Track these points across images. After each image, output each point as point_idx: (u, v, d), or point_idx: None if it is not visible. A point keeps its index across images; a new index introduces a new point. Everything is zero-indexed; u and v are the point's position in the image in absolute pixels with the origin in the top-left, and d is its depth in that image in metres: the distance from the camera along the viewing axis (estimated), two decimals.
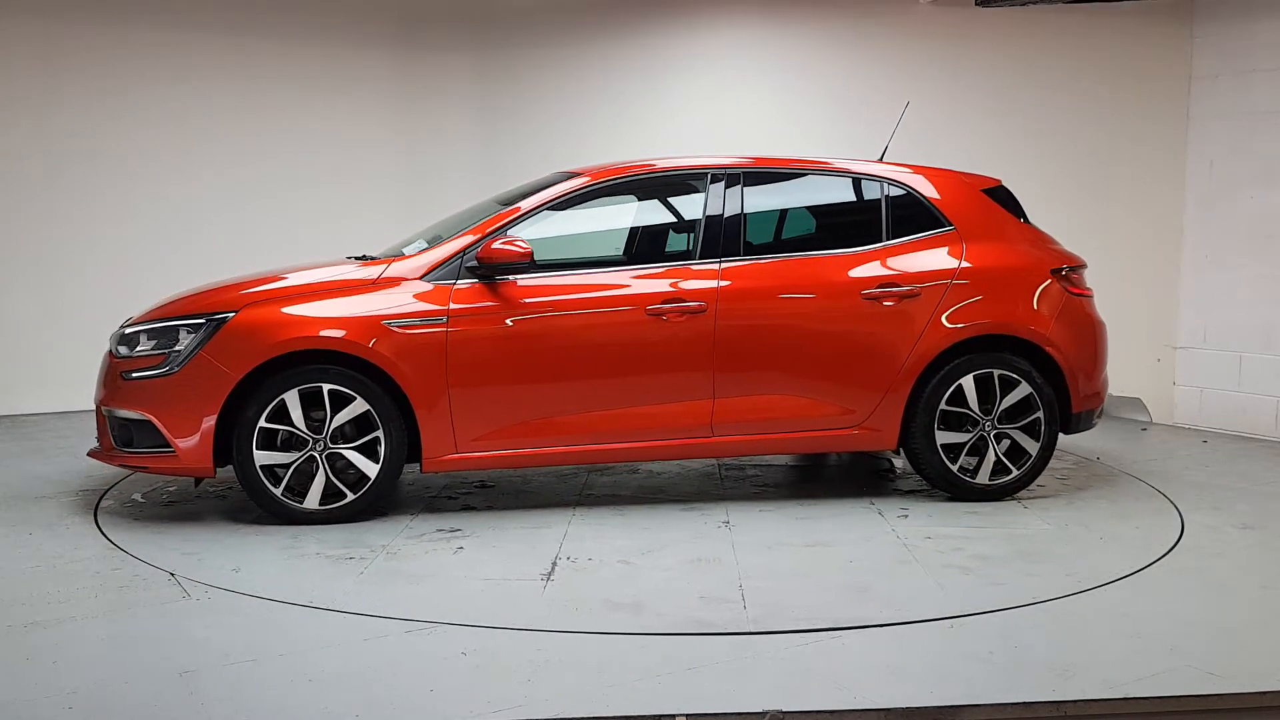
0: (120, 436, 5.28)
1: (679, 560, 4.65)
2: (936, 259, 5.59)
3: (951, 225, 5.68)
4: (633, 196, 5.86)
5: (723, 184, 5.58)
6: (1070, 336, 5.63)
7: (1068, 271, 5.74)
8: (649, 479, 6.15)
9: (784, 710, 3.22)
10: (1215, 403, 7.83)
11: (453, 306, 5.17)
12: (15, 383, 7.97)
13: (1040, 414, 5.54)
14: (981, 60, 8.12)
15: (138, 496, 5.70)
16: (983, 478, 5.58)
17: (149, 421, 5.11)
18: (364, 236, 7.66)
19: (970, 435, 5.55)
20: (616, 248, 6.03)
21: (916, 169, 5.85)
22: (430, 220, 6.42)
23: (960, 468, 5.57)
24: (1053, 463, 5.99)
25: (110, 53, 8.12)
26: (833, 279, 5.51)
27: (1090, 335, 5.75)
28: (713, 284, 5.38)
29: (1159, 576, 4.53)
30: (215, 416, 5.00)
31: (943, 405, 5.50)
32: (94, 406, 5.51)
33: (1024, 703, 3.31)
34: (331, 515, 5.11)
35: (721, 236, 5.49)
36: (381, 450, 5.11)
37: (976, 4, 7.76)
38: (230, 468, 5.11)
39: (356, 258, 5.61)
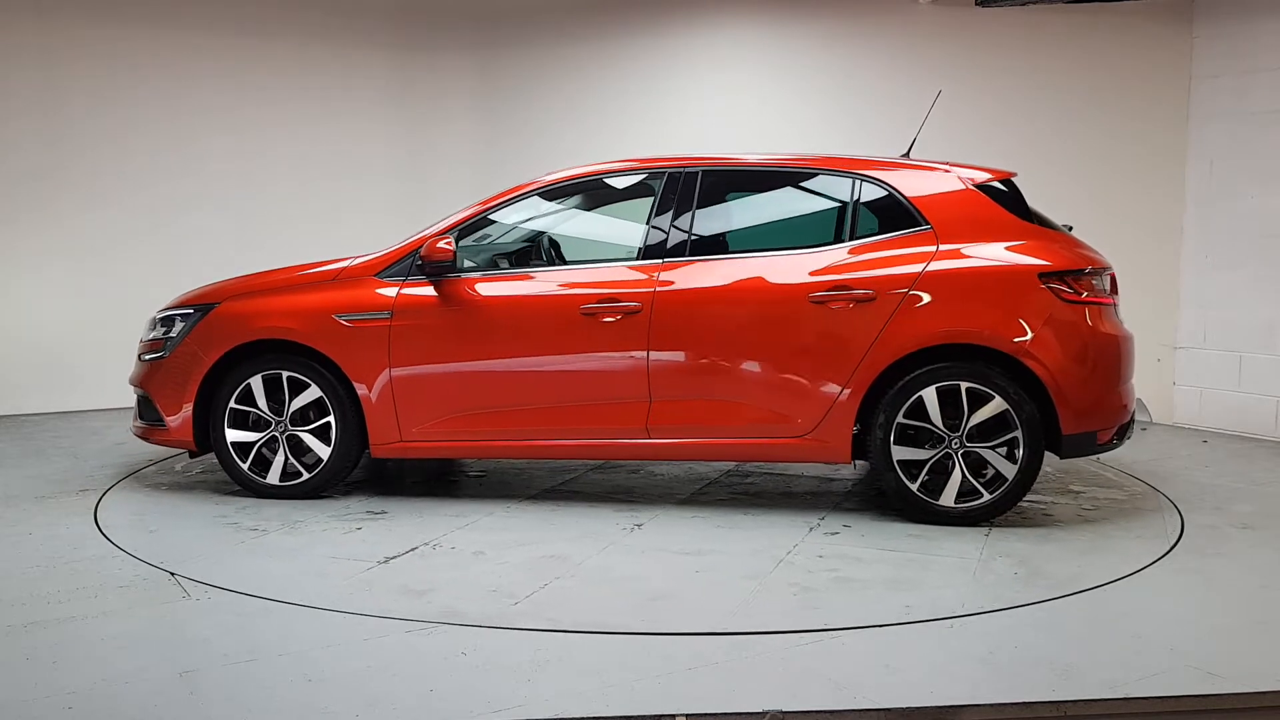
0: (138, 410, 5.91)
1: (530, 556, 4.69)
2: (901, 261, 5.18)
3: (928, 224, 5.24)
4: (590, 198, 5.88)
5: (674, 183, 5.46)
6: (1061, 348, 5.06)
7: (1067, 276, 5.12)
8: (645, 478, 6.15)
9: (784, 710, 3.22)
10: (1215, 403, 7.83)
11: (398, 303, 5.45)
12: (15, 383, 7.97)
13: (1018, 433, 5.04)
14: (981, 60, 8.12)
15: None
16: (946, 499, 5.13)
17: (148, 398, 5.75)
18: (363, 236, 7.66)
19: (933, 452, 5.11)
20: (570, 248, 6.07)
21: (896, 163, 5.46)
22: (429, 219, 6.41)
23: (921, 487, 5.15)
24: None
25: (109, 52, 8.12)
26: (777, 281, 5.24)
27: (1092, 348, 5.13)
28: (650, 285, 5.31)
29: (1159, 576, 4.53)
30: (194, 397, 5.57)
31: (900, 418, 5.10)
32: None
33: (1024, 703, 3.31)
34: (289, 491, 5.57)
35: (668, 236, 5.39)
36: (333, 433, 5.48)
37: (976, 4, 7.75)
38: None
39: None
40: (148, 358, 5.77)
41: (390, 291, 5.48)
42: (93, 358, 8.18)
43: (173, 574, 4.40)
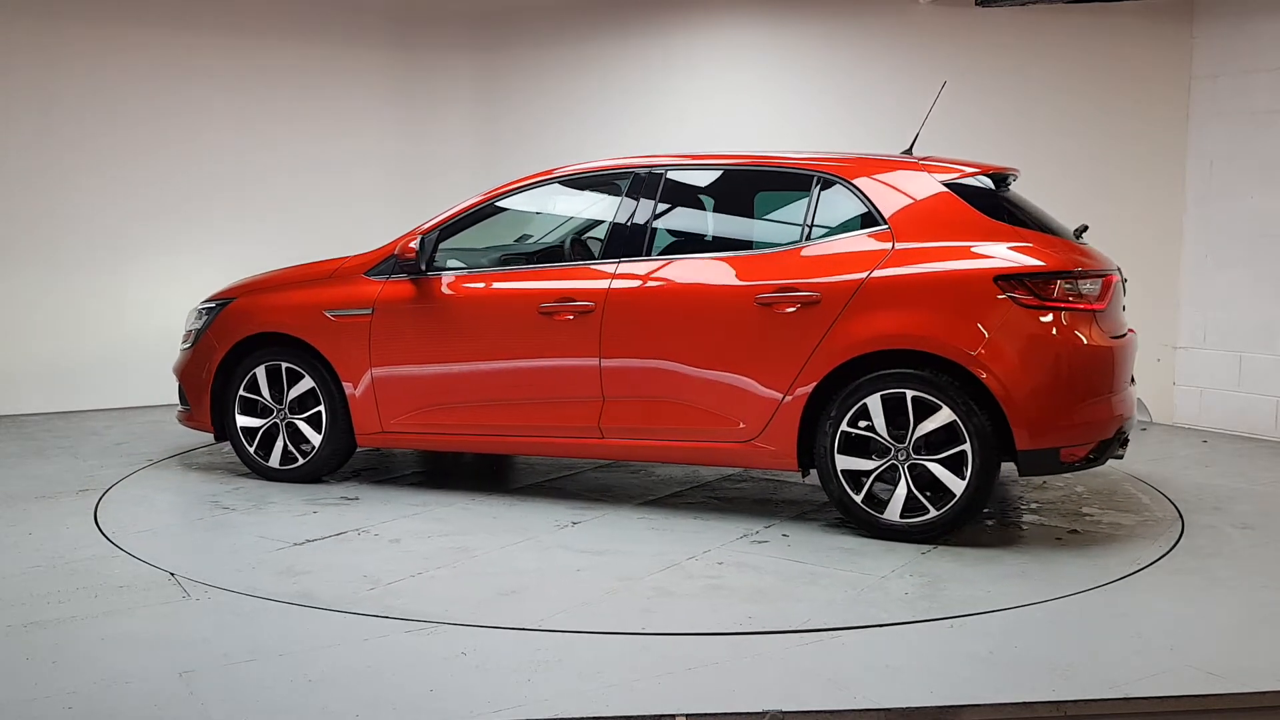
0: (179, 396, 6.31)
1: (438, 547, 4.81)
2: (850, 262, 4.93)
3: (885, 224, 4.99)
4: (563, 199, 5.92)
5: (638, 183, 5.43)
6: (1016, 357, 4.69)
7: (1028, 281, 4.73)
8: (641, 478, 6.15)
9: (784, 710, 3.22)
10: (1215, 403, 7.83)
11: (379, 300, 5.68)
12: (15, 383, 7.97)
13: (967, 446, 4.72)
14: (982, 60, 8.12)
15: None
16: (891, 514, 4.85)
17: (181, 385, 6.23)
18: (363, 234, 7.66)
19: (878, 463, 4.85)
20: (542, 247, 6.11)
21: (860, 160, 5.22)
22: (424, 218, 6.44)
23: (867, 499, 4.91)
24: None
25: (108, 51, 8.12)
26: (726, 282, 5.12)
27: (1054, 357, 4.73)
28: (605, 284, 5.30)
29: (1159, 576, 4.53)
30: (210, 385, 5.99)
31: (845, 427, 4.87)
32: None
33: (1024, 703, 3.31)
34: (288, 475, 5.92)
35: (627, 236, 5.36)
36: (323, 421, 5.80)
37: (977, 4, 7.75)
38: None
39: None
40: (183, 347, 6.25)
41: (374, 289, 5.71)
42: (93, 358, 8.18)
43: (172, 574, 4.40)
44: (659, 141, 7.80)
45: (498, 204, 5.74)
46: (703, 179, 5.58)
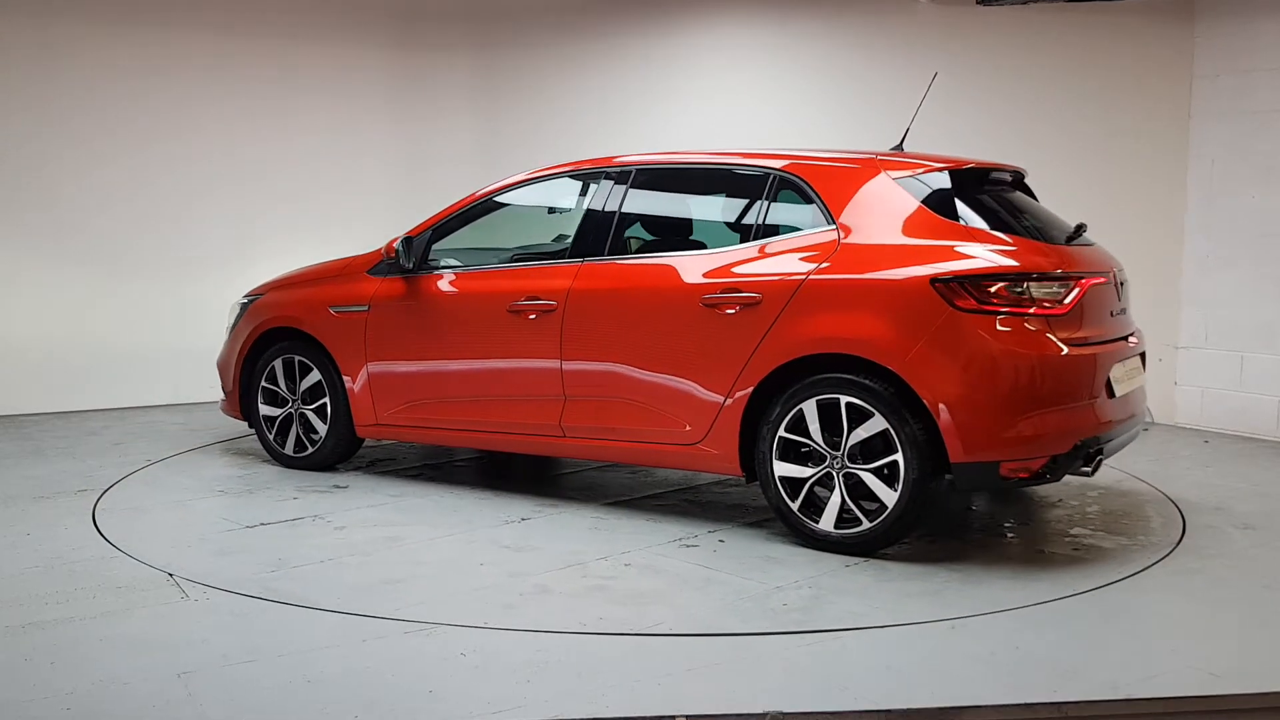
0: (221, 386, 6.60)
1: (372, 536, 4.97)
2: (794, 262, 4.77)
3: (834, 224, 4.80)
4: (538, 199, 5.98)
5: (606, 183, 5.44)
6: (950, 363, 4.42)
7: (968, 284, 4.44)
8: (636, 479, 6.14)
9: (784, 710, 3.21)
10: (1217, 403, 7.82)
11: (374, 297, 5.89)
12: (15, 383, 7.96)
13: (900, 456, 4.49)
14: (982, 60, 8.11)
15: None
16: (826, 524, 4.66)
17: (219, 374, 6.57)
18: (364, 234, 7.66)
19: (813, 471, 4.68)
20: (523, 247, 6.18)
21: (816, 158, 5.07)
22: (424, 217, 6.45)
23: (803, 508, 4.73)
24: None
25: (107, 51, 8.10)
26: (675, 282, 5.03)
27: (994, 365, 4.39)
28: (567, 284, 5.31)
29: (1160, 577, 4.52)
30: (237, 374, 6.37)
31: (782, 432, 4.72)
32: None
33: (1025, 704, 3.30)
34: (301, 462, 6.19)
35: (590, 236, 5.37)
36: (328, 413, 6.05)
37: (977, 2, 7.75)
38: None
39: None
40: (225, 340, 6.58)
41: (371, 287, 5.93)
42: (93, 358, 8.17)
43: (171, 574, 4.40)
44: (659, 141, 7.80)
45: (481, 205, 5.83)
46: (663, 179, 5.55)
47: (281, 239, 8.61)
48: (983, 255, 4.53)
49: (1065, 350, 4.50)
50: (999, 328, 4.42)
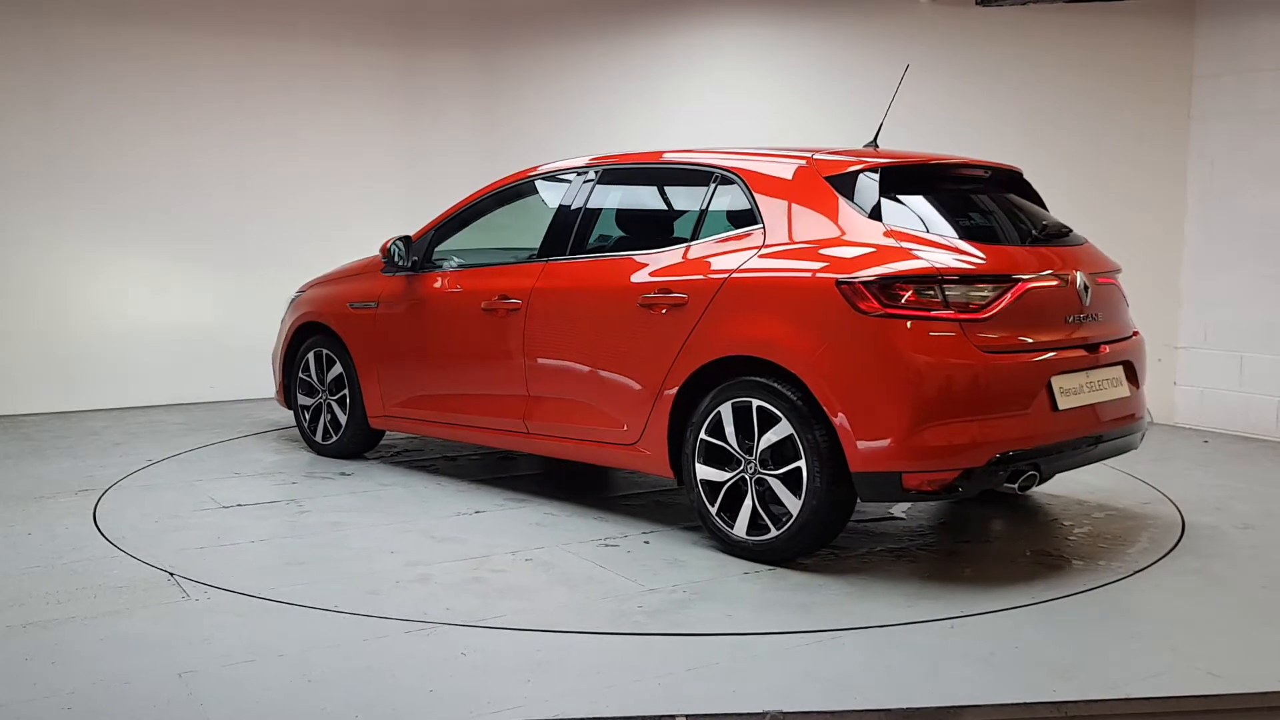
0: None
1: (316, 522, 5.17)
2: (719, 263, 4.69)
3: (761, 222, 4.68)
4: (523, 200, 6.03)
5: (574, 183, 5.51)
6: (850, 368, 4.24)
7: (874, 286, 4.22)
8: (636, 478, 6.15)
9: (784, 710, 3.21)
10: (1216, 403, 7.82)
11: (383, 294, 6.15)
12: (15, 383, 7.96)
13: (802, 463, 4.35)
14: (982, 60, 8.11)
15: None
16: (740, 530, 4.56)
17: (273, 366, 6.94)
18: (364, 233, 7.67)
19: (729, 475, 4.59)
20: (510, 248, 6.21)
21: (753, 155, 4.93)
22: (427, 217, 6.48)
23: (721, 512, 4.63)
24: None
25: (108, 50, 8.11)
26: (617, 282, 5.02)
27: (895, 371, 4.17)
28: (531, 283, 5.39)
29: (1159, 576, 4.52)
30: (282, 368, 6.76)
31: (703, 435, 4.64)
32: None
33: (1024, 703, 3.30)
34: (329, 450, 6.54)
35: (555, 236, 5.44)
36: (348, 403, 6.36)
37: (977, 3, 7.75)
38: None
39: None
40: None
41: (381, 285, 6.18)
42: (93, 358, 8.17)
43: (171, 574, 4.40)
44: (659, 140, 7.80)
45: (475, 207, 5.99)
46: (625, 178, 5.54)
47: (283, 238, 8.63)
48: (895, 257, 4.29)
49: (983, 357, 4.21)
50: (904, 332, 4.19)
